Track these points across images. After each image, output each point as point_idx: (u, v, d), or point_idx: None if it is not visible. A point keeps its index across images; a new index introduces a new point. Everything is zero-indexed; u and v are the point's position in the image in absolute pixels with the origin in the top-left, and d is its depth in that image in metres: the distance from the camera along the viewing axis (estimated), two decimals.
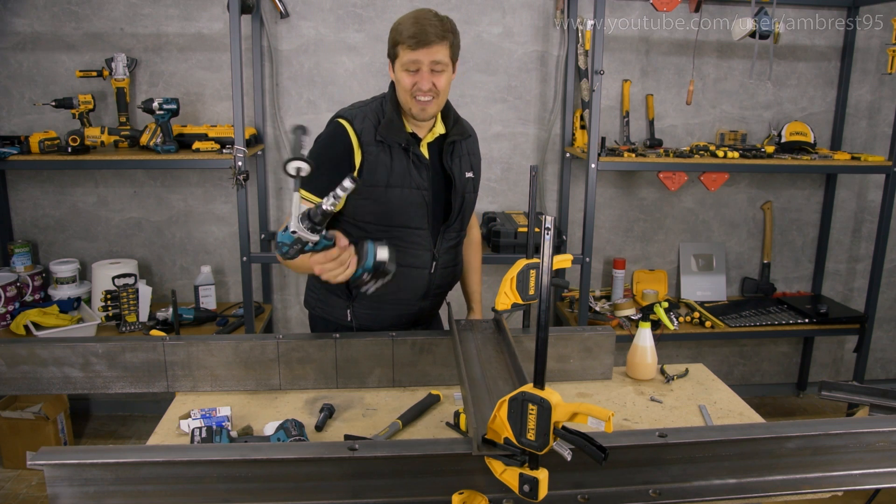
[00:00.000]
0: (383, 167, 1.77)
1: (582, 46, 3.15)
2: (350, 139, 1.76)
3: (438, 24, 1.70)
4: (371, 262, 1.53)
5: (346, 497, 1.22)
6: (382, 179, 1.78)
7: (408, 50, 1.69)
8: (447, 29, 1.71)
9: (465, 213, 1.94)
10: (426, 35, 1.67)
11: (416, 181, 1.81)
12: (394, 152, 1.78)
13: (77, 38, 3.07)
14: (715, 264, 3.57)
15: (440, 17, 1.73)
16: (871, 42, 3.40)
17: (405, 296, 1.90)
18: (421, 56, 1.69)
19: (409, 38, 1.68)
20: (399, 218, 1.81)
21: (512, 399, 1.10)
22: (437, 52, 1.70)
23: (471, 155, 1.94)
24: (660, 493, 1.28)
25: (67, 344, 1.72)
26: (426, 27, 1.68)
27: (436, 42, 1.69)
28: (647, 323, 1.94)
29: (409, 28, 1.68)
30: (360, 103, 1.86)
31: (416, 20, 1.69)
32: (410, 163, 1.80)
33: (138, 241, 3.31)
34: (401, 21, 1.73)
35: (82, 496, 1.15)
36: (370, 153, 1.77)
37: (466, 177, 1.90)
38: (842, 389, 1.76)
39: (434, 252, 1.88)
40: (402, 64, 1.72)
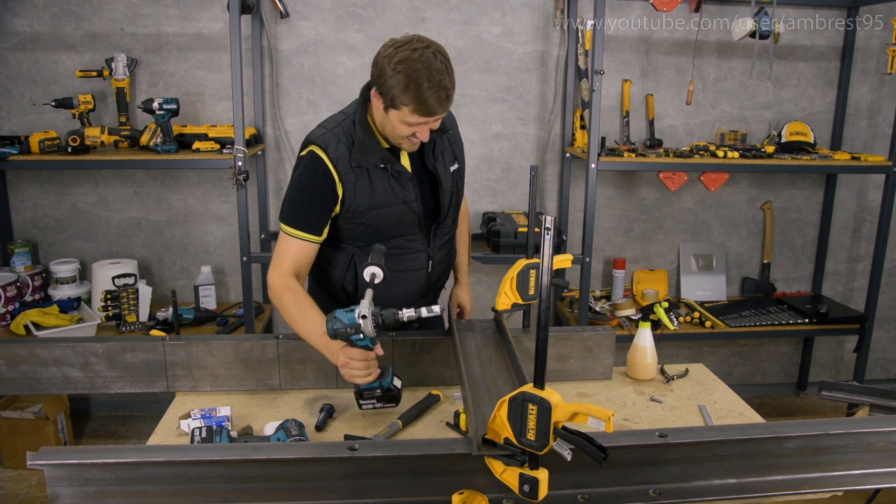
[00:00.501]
0: (363, 192, 1.72)
1: (582, 46, 3.15)
2: (329, 170, 1.69)
3: (447, 82, 1.58)
4: (387, 383, 1.61)
5: (346, 497, 1.22)
6: (364, 204, 1.73)
7: (415, 114, 1.59)
8: (452, 84, 1.60)
9: (455, 206, 1.91)
10: (441, 106, 1.59)
11: (402, 196, 1.76)
12: (372, 174, 1.72)
13: (77, 38, 3.07)
14: (715, 264, 3.57)
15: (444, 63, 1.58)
16: (871, 42, 3.40)
17: (404, 299, 1.88)
18: (429, 120, 1.62)
19: (418, 109, 1.58)
20: (389, 232, 1.79)
21: (512, 399, 1.10)
22: (442, 115, 1.64)
23: (453, 144, 1.86)
24: (660, 493, 1.28)
25: (67, 344, 1.72)
26: (440, 95, 1.56)
27: (443, 110, 1.62)
28: (647, 323, 1.94)
29: (415, 97, 1.56)
30: (331, 122, 1.75)
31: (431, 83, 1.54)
32: (391, 179, 1.74)
33: (138, 241, 3.31)
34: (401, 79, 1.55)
35: (82, 496, 1.15)
36: (348, 181, 1.71)
37: (451, 170, 1.85)
38: (842, 389, 1.76)
39: (429, 251, 1.88)
40: (402, 120, 1.61)
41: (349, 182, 1.71)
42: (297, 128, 3.25)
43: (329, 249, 1.84)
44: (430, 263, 1.89)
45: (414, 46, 1.56)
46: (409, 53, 1.55)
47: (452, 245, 1.98)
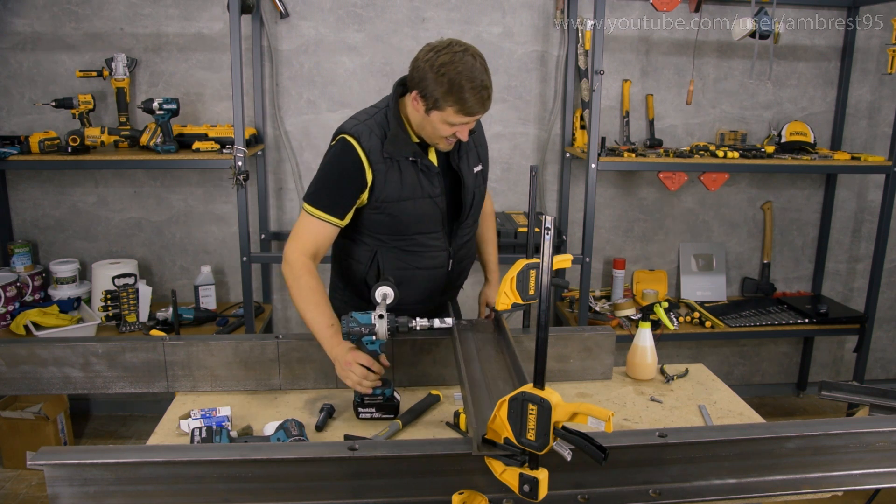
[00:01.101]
0: (393, 183, 1.76)
1: (582, 46, 3.15)
2: (360, 158, 1.73)
3: (489, 83, 1.67)
4: (389, 393, 1.65)
5: (346, 497, 1.22)
6: (394, 194, 1.77)
7: (460, 115, 1.66)
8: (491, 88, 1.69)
9: (477, 207, 1.94)
10: (483, 107, 1.68)
11: (428, 190, 1.80)
12: (402, 165, 1.76)
13: (77, 38, 3.07)
14: (715, 264, 3.57)
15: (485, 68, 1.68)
16: (871, 42, 3.40)
17: (424, 296, 1.91)
18: (471, 120, 1.70)
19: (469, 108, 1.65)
20: (414, 227, 1.82)
21: (512, 399, 1.10)
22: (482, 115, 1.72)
23: (478, 146, 1.92)
24: (660, 493, 1.28)
25: (67, 344, 1.73)
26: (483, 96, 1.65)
27: (484, 110, 1.70)
28: (647, 323, 1.94)
29: (470, 97, 1.63)
30: (364, 115, 1.82)
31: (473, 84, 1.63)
32: (420, 173, 1.78)
33: (138, 241, 3.31)
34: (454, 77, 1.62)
35: (82, 496, 1.15)
36: (379, 171, 1.75)
37: (475, 171, 1.90)
38: (842, 389, 1.76)
39: (450, 250, 1.90)
40: (445, 120, 1.67)
41: (380, 172, 1.75)
42: (297, 128, 3.25)
43: (353, 244, 1.88)
44: (451, 262, 1.91)
45: (454, 50, 1.64)
46: (451, 57, 1.62)
47: (472, 245, 2.01)
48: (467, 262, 2.00)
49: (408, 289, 1.81)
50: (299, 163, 3.29)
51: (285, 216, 3.36)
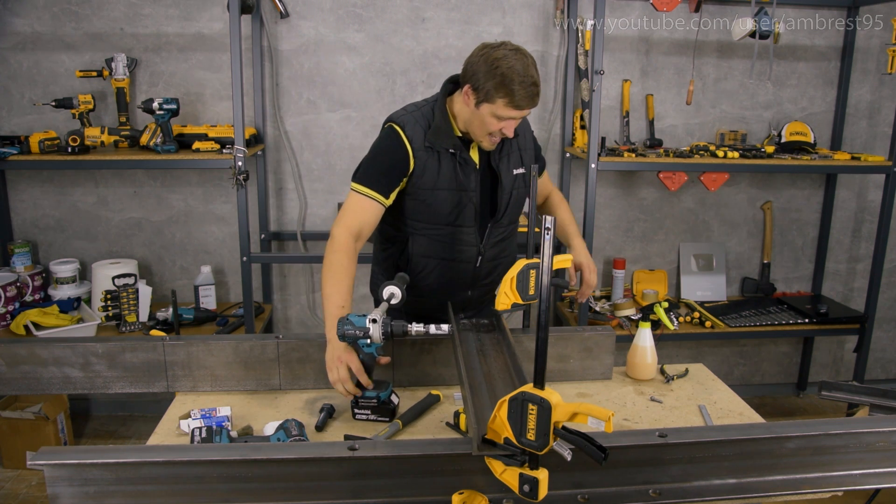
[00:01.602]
0: (431, 171, 1.84)
1: (582, 46, 3.15)
2: (404, 144, 1.83)
3: (537, 85, 1.73)
4: (385, 395, 1.65)
5: (346, 497, 1.22)
6: (430, 182, 1.85)
7: (510, 108, 1.72)
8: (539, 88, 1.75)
9: (514, 208, 1.97)
10: (532, 101, 1.73)
11: (463, 183, 1.86)
12: (442, 156, 1.84)
13: (77, 38, 3.07)
14: (715, 264, 3.57)
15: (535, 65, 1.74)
16: (871, 42, 3.40)
17: (450, 287, 1.96)
18: (519, 115, 1.75)
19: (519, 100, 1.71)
20: (447, 217, 1.88)
21: (512, 399, 1.10)
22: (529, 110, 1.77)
23: (521, 150, 1.96)
24: (660, 493, 1.28)
25: (67, 344, 1.72)
26: (534, 91, 1.71)
27: (532, 106, 1.75)
28: (647, 323, 1.94)
29: (520, 90, 1.70)
30: (413, 107, 1.90)
31: (525, 79, 1.69)
32: (458, 166, 1.85)
33: (138, 241, 3.31)
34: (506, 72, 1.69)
35: (82, 496, 1.15)
36: (420, 158, 1.83)
37: (514, 174, 1.93)
38: (842, 389, 1.76)
39: (480, 247, 1.94)
40: (493, 112, 1.74)
41: (420, 159, 1.83)
42: (297, 128, 3.25)
43: (389, 229, 1.98)
44: (480, 259, 1.95)
45: (507, 48, 1.72)
46: (504, 53, 1.71)
47: (508, 247, 2.04)
48: (500, 262, 2.01)
49: (432, 277, 1.93)
50: (299, 163, 3.29)
51: (285, 216, 3.36)
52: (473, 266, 1.96)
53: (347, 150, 3.28)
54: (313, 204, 3.34)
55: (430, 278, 1.94)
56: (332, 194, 3.33)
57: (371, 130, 3.26)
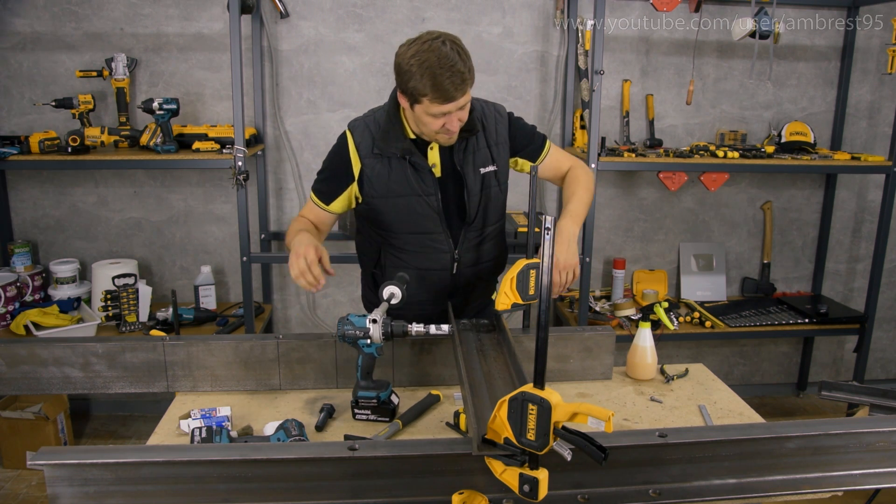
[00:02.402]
0: (380, 178, 1.78)
1: (582, 46, 3.15)
2: (348, 151, 1.80)
3: (461, 66, 1.60)
4: (385, 396, 1.65)
5: (346, 497, 1.22)
6: (380, 191, 1.79)
7: (437, 103, 1.62)
8: (467, 68, 1.62)
9: (488, 210, 1.87)
10: (455, 91, 1.61)
11: (419, 188, 1.78)
12: (392, 162, 1.77)
13: (77, 38, 3.07)
14: (715, 264, 3.57)
15: (455, 50, 1.60)
16: (871, 42, 3.40)
17: (428, 296, 1.90)
18: (450, 108, 1.64)
19: (438, 96, 1.61)
20: (407, 226, 1.82)
21: (512, 399, 1.10)
22: (465, 97, 1.65)
23: (491, 146, 1.84)
24: (660, 493, 1.27)
25: (67, 344, 1.72)
26: (453, 80, 1.59)
27: (463, 92, 1.63)
28: (647, 323, 1.94)
29: (433, 83, 1.59)
30: (369, 112, 1.85)
31: (441, 70, 1.57)
32: (411, 171, 1.77)
33: (138, 241, 3.31)
34: (416, 68, 1.59)
35: (82, 496, 1.15)
36: (367, 165, 1.79)
37: (482, 172, 1.83)
38: (842, 389, 1.76)
39: (454, 253, 1.87)
40: (426, 111, 1.65)
41: (369, 166, 1.79)
42: (297, 128, 3.25)
43: (362, 239, 1.98)
44: (456, 265, 1.88)
45: (424, 40, 1.62)
46: (420, 46, 1.61)
47: (491, 249, 1.94)
48: (482, 266, 1.93)
49: (413, 288, 1.80)
50: (299, 163, 3.29)
51: (285, 216, 3.36)
52: (450, 274, 1.88)
53: None
54: None
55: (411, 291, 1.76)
56: None
57: None
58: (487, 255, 1.94)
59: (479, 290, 1.99)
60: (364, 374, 1.64)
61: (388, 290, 1.66)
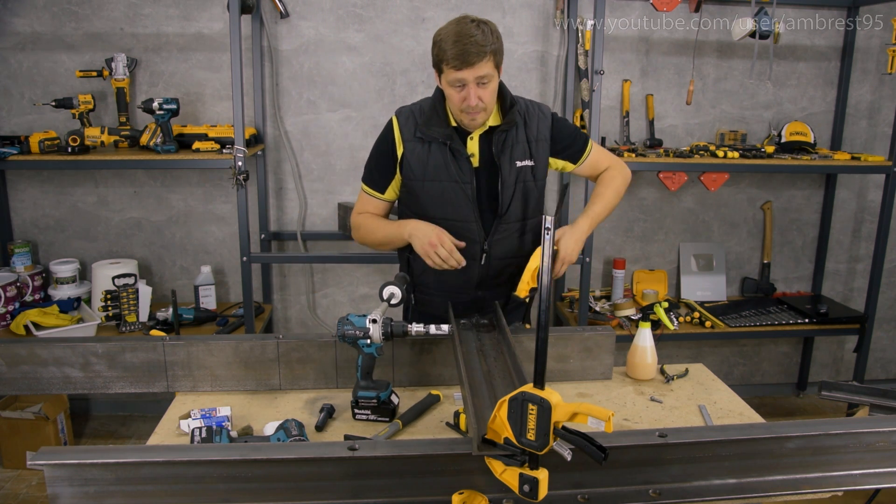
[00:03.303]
0: (419, 160, 1.85)
1: (582, 46, 3.15)
2: (393, 135, 1.88)
3: (480, 38, 1.68)
4: (385, 396, 1.65)
5: (346, 497, 1.22)
6: (417, 174, 1.86)
7: (452, 70, 1.70)
8: (489, 42, 1.70)
9: (523, 203, 1.89)
10: (469, 56, 1.68)
11: (456, 175, 1.83)
12: (433, 147, 1.84)
13: (77, 38, 3.07)
14: (715, 264, 3.57)
15: (481, 27, 1.70)
16: (871, 42, 3.40)
17: (456, 285, 1.93)
18: (466, 75, 1.70)
19: (453, 58, 1.69)
20: (439, 210, 1.87)
21: (512, 399, 1.10)
22: (482, 68, 1.70)
23: (530, 142, 1.88)
24: (660, 493, 1.28)
25: (67, 344, 1.72)
26: (468, 46, 1.67)
27: (479, 60, 1.69)
28: (647, 323, 1.94)
29: (452, 48, 1.68)
30: (418, 100, 1.92)
31: (457, 38, 1.68)
32: (450, 157, 1.83)
33: (138, 241, 3.31)
34: (442, 37, 1.72)
35: (82, 496, 1.15)
36: (409, 148, 1.86)
37: (518, 166, 1.86)
38: (842, 389, 1.76)
39: (484, 244, 1.88)
40: (447, 81, 1.74)
41: (410, 149, 1.86)
42: (297, 128, 3.25)
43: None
44: (485, 256, 1.90)
45: (457, 19, 1.75)
46: (448, 24, 1.75)
47: (523, 244, 1.94)
48: (513, 261, 1.93)
49: (438, 275, 1.88)
50: (299, 163, 3.29)
51: (285, 216, 3.36)
52: (479, 264, 1.90)
53: (347, 150, 3.28)
54: (313, 204, 3.34)
55: (435, 276, 1.89)
56: (331, 194, 3.33)
57: (371, 130, 3.26)
58: (519, 249, 1.94)
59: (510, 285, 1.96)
60: (364, 374, 1.64)
61: (388, 290, 1.67)
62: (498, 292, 1.97)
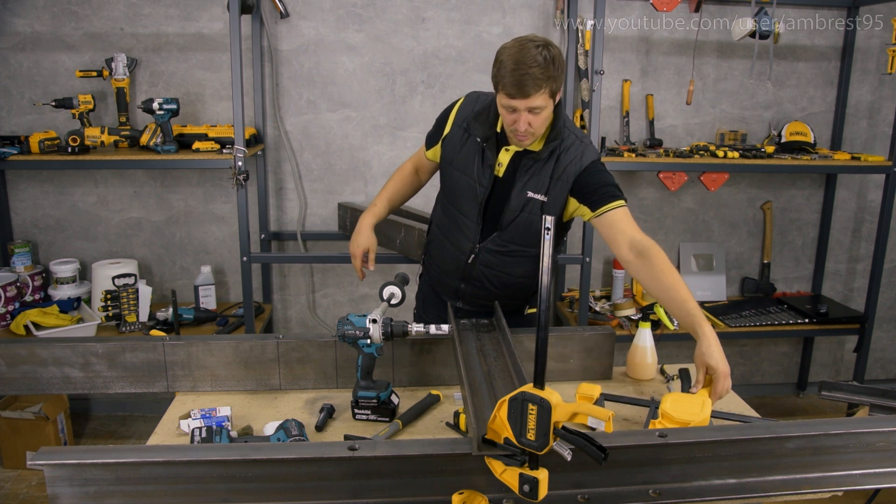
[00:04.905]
0: (453, 147, 1.94)
1: (582, 46, 3.15)
2: (451, 112, 1.97)
3: (538, 70, 1.63)
4: (385, 396, 1.65)
5: (346, 497, 1.22)
6: (448, 157, 1.96)
7: (505, 96, 1.70)
8: (549, 76, 1.65)
9: (523, 231, 1.87)
10: (525, 87, 1.65)
11: (475, 174, 1.89)
12: (470, 140, 1.90)
13: (77, 38, 3.07)
14: (715, 264, 3.57)
15: (543, 54, 1.64)
16: (871, 42, 3.40)
17: (445, 265, 2.05)
18: (518, 104, 1.69)
19: (509, 85, 1.67)
20: (454, 198, 1.96)
21: (512, 399, 1.10)
22: (535, 100, 1.67)
23: (553, 178, 1.82)
24: (660, 493, 1.28)
25: (67, 344, 1.72)
26: (525, 78, 1.64)
27: (534, 92, 1.66)
28: (647, 323, 1.94)
29: (509, 75, 1.66)
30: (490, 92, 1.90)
31: (517, 65, 1.64)
32: (479, 156, 1.88)
33: (138, 241, 3.31)
34: (504, 58, 1.68)
35: (82, 496, 1.15)
36: (453, 131, 1.95)
37: (529, 196, 1.83)
38: (842, 389, 1.76)
39: (476, 246, 1.94)
40: (501, 103, 1.74)
41: (453, 132, 1.95)
42: (297, 128, 3.25)
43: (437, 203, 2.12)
44: (473, 256, 1.95)
45: (525, 39, 1.70)
46: (517, 41, 1.71)
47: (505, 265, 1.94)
48: (497, 274, 1.95)
49: (435, 249, 2.08)
50: (299, 163, 3.29)
51: (285, 216, 3.36)
52: (466, 260, 1.97)
53: (347, 150, 3.28)
54: (313, 204, 3.34)
55: (434, 250, 2.08)
56: (331, 194, 3.33)
57: (371, 130, 3.26)
58: (508, 268, 1.95)
59: (492, 293, 1.98)
60: (364, 374, 1.64)
61: (389, 290, 1.67)
62: (478, 293, 2.02)
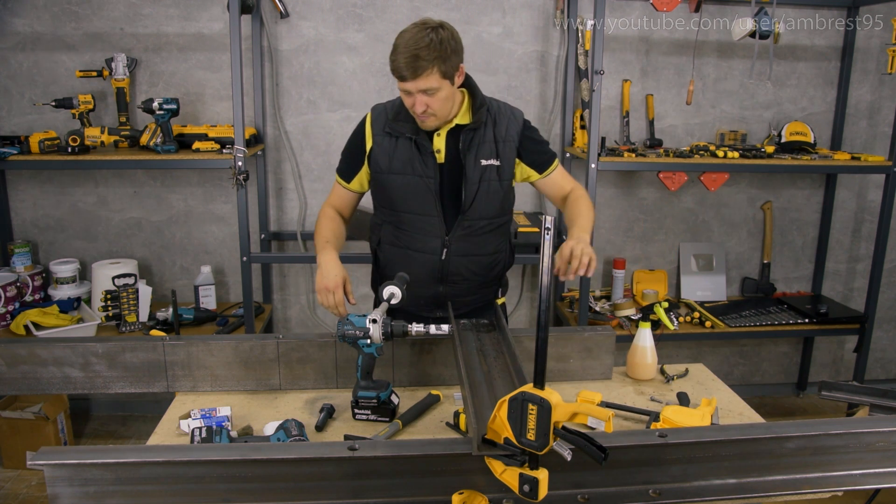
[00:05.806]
0: (385, 154, 1.89)
1: (582, 46, 3.15)
2: (365, 128, 1.93)
3: (427, 51, 1.69)
4: (385, 396, 1.65)
5: (346, 497, 1.22)
6: (383, 167, 1.90)
7: (398, 79, 1.75)
8: (436, 56, 1.70)
9: (485, 202, 1.90)
10: (413, 69, 1.70)
11: (420, 169, 1.86)
12: (400, 142, 1.88)
13: (77, 38, 3.07)
14: (715, 264, 3.57)
15: (431, 36, 1.70)
16: (871, 42, 3.40)
17: (417, 279, 1.90)
18: (409, 87, 1.74)
19: (396, 69, 1.73)
20: (402, 204, 1.91)
21: (512, 399, 1.10)
22: (425, 82, 1.72)
23: (498, 142, 1.89)
24: (660, 493, 1.28)
25: (67, 344, 1.73)
26: (413, 61, 1.69)
27: (421, 74, 1.71)
28: (647, 323, 1.94)
29: (399, 58, 1.71)
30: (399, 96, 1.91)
31: (405, 48, 1.70)
32: (416, 152, 1.86)
33: (138, 241, 3.31)
34: (397, 42, 1.74)
35: (82, 496, 1.15)
36: (377, 142, 1.90)
37: (483, 164, 1.88)
38: (842, 389, 1.76)
39: (445, 239, 1.91)
40: (398, 87, 1.78)
41: (378, 143, 1.90)
42: (297, 128, 3.25)
43: (374, 217, 2.05)
44: (445, 252, 1.92)
45: (417, 23, 1.76)
46: (409, 27, 1.76)
47: (480, 243, 1.95)
48: (473, 258, 1.95)
49: (398, 268, 1.87)
50: (299, 163, 3.29)
51: (285, 216, 3.36)
52: (439, 258, 1.93)
53: None
54: (313, 204, 3.34)
55: (397, 269, 1.85)
56: None
57: None
58: (481, 248, 1.96)
59: (472, 283, 2.00)
60: (364, 374, 1.64)
61: (388, 290, 1.67)
62: (458, 289, 1.99)
